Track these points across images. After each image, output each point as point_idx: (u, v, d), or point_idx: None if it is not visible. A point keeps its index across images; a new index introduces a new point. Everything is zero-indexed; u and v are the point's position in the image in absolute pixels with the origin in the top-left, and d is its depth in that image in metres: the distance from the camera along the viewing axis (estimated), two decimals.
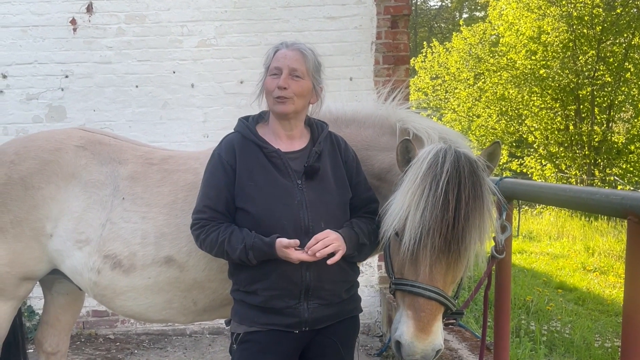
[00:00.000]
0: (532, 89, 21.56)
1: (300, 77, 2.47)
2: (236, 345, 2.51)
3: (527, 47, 21.59)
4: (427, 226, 2.20)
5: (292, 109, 2.47)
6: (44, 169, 3.04)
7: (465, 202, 2.21)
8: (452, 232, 2.20)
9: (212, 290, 2.89)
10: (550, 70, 20.63)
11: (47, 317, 3.64)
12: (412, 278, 2.26)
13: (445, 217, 2.19)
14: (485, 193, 2.28)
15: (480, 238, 2.27)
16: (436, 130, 2.64)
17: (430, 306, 2.22)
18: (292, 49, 2.50)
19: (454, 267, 2.27)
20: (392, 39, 6.13)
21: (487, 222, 2.28)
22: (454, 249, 2.22)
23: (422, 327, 2.21)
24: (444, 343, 4.24)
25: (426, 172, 2.25)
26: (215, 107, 6.19)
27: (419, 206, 2.22)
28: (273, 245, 2.33)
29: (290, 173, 2.47)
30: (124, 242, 2.91)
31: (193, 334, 6.18)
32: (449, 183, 2.21)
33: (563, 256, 12.05)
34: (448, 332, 4.61)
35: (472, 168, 2.27)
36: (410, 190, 2.26)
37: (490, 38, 24.28)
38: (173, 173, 3.01)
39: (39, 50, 6.05)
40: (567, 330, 6.24)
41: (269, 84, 2.48)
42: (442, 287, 2.24)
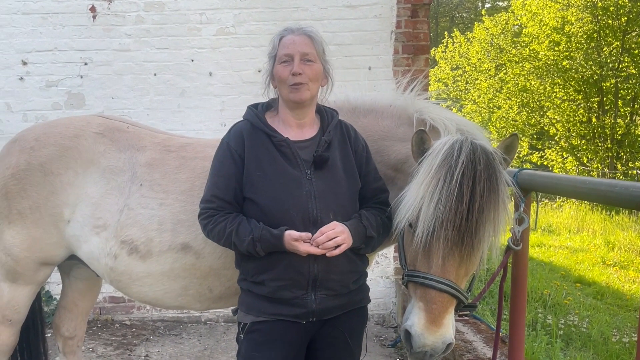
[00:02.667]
0: (555, 80, 21.28)
1: (312, 61, 2.44)
2: (243, 335, 2.50)
3: (550, 38, 21.29)
4: (440, 218, 2.17)
5: (309, 95, 2.45)
6: (63, 156, 3.06)
7: (480, 194, 2.18)
8: (466, 224, 2.17)
9: (228, 277, 2.89)
10: (574, 61, 20.34)
11: (65, 302, 3.69)
12: (425, 270, 2.25)
13: (459, 209, 2.16)
14: (501, 186, 2.25)
15: (494, 231, 2.24)
16: (454, 121, 2.60)
17: (441, 299, 2.20)
18: (298, 34, 2.46)
19: (467, 260, 2.24)
20: (412, 28, 6.06)
21: (502, 215, 2.25)
22: (467, 241, 2.19)
23: (433, 320, 2.19)
24: (458, 335, 4.25)
25: (441, 164, 2.22)
26: (232, 95, 6.18)
27: (432, 198, 2.20)
28: (281, 238, 2.31)
29: (299, 163, 2.44)
30: (141, 228, 2.92)
31: (208, 322, 6.22)
32: (464, 175, 2.18)
33: (582, 250, 11.92)
34: (463, 324, 4.59)
35: (489, 160, 2.24)
36: (425, 182, 2.24)
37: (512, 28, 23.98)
38: (191, 160, 3.01)
39: (59, 38, 6.08)
40: (585, 324, 6.17)
41: (281, 72, 2.44)
42: (454, 279, 2.22)
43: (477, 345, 4.10)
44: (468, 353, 3.96)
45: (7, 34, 6.06)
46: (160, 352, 5.41)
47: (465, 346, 4.10)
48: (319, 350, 2.56)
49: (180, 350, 5.45)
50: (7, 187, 3.11)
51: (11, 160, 3.14)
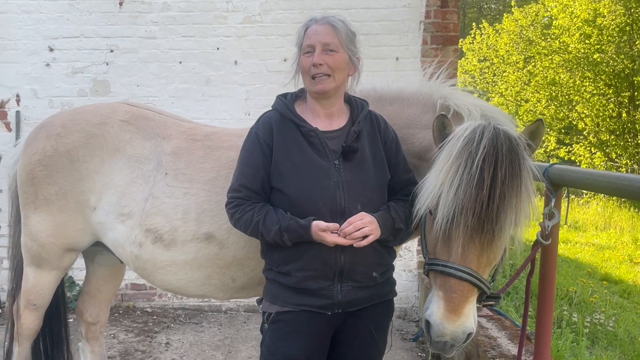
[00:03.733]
0: (585, 74, 20.87)
1: (334, 51, 2.40)
2: (267, 325, 2.50)
3: (581, 30, 20.85)
4: (460, 205, 2.12)
5: (332, 85, 2.41)
6: (89, 142, 3.07)
7: (502, 180, 2.10)
8: (486, 211, 2.10)
9: (251, 268, 2.88)
10: (605, 54, 19.92)
11: (89, 288, 3.72)
12: (445, 258, 2.19)
13: (480, 195, 2.10)
14: (524, 172, 2.16)
15: (516, 219, 2.15)
16: (479, 107, 2.53)
17: (461, 287, 2.14)
18: (321, 24, 2.43)
19: (488, 249, 2.17)
20: (442, 18, 5.95)
21: (524, 202, 2.17)
22: (488, 229, 2.12)
23: (453, 309, 2.13)
24: (483, 331, 4.18)
25: (462, 149, 2.16)
26: (257, 84, 6.15)
27: (452, 184, 2.14)
28: (309, 228, 2.29)
29: (327, 153, 2.41)
30: (166, 217, 2.92)
31: (228, 311, 6.22)
32: (485, 160, 2.11)
33: (609, 247, 11.71)
34: (487, 320, 4.51)
35: (511, 146, 2.16)
36: (445, 167, 2.18)
37: (542, 20, 23.55)
38: (216, 150, 3.00)
39: (86, 24, 6.10)
40: (611, 323, 6.05)
41: (304, 63, 2.42)
42: (475, 268, 2.15)
43: (502, 342, 4.03)
44: (492, 349, 3.89)
45: (34, 20, 6.09)
46: (180, 340, 5.42)
47: (490, 342, 4.03)
48: (344, 342, 2.54)
49: (200, 339, 5.46)
50: (34, 172, 3.13)
51: (38, 146, 3.16)
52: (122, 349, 5.15)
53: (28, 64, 6.13)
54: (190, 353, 5.13)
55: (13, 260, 3.53)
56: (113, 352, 5.02)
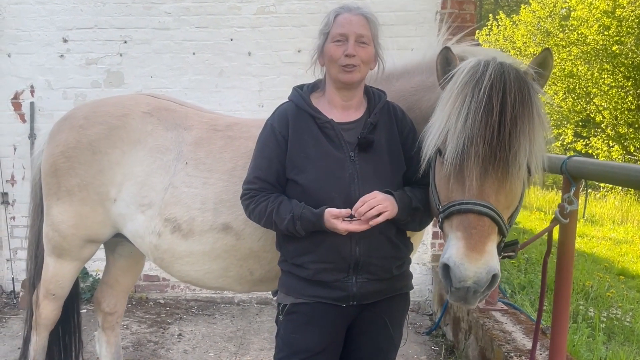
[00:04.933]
0: (603, 66, 20.59)
1: (366, 44, 2.37)
2: (282, 316, 2.49)
3: (600, 22, 20.54)
4: (470, 134, 2.00)
5: (359, 77, 2.39)
6: (111, 135, 3.09)
7: (512, 105, 1.99)
8: (498, 138, 1.98)
9: (268, 260, 2.86)
10: (624, 46, 19.63)
11: (107, 278, 3.76)
12: (461, 197, 2.04)
13: (490, 122, 1.98)
14: (534, 98, 2.05)
15: (530, 147, 2.01)
16: (484, 52, 2.40)
17: (482, 222, 1.97)
18: (355, 14, 2.38)
19: (504, 182, 2.02)
20: (458, 8, 5.87)
21: (537, 129, 2.03)
22: (501, 156, 1.98)
23: (473, 246, 1.95)
24: (497, 325, 4.13)
25: (467, 80, 2.06)
26: (271, 76, 6.11)
27: (460, 114, 2.03)
28: (322, 216, 2.26)
29: (343, 144, 2.38)
30: (184, 206, 2.91)
31: (241, 303, 6.22)
32: (492, 87, 2.00)
33: (627, 242, 11.57)
34: (502, 314, 4.47)
35: (519, 74, 2.06)
36: (451, 100, 2.08)
37: (560, 11, 23.25)
38: (236, 140, 2.99)
39: (99, 15, 6.09)
40: (628, 318, 5.96)
41: (334, 51, 2.37)
42: (495, 204, 2.00)
43: (517, 336, 3.99)
44: (507, 344, 3.85)
45: (48, 11, 6.09)
46: (193, 332, 5.42)
47: (504, 337, 3.98)
48: (359, 335, 2.51)
49: (212, 331, 5.46)
50: (57, 164, 3.17)
51: (61, 138, 3.20)
52: (135, 340, 5.16)
53: (42, 55, 6.13)
54: (203, 344, 5.13)
55: (35, 249, 3.56)
56: (126, 343, 5.03)
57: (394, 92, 2.61)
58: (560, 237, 2.78)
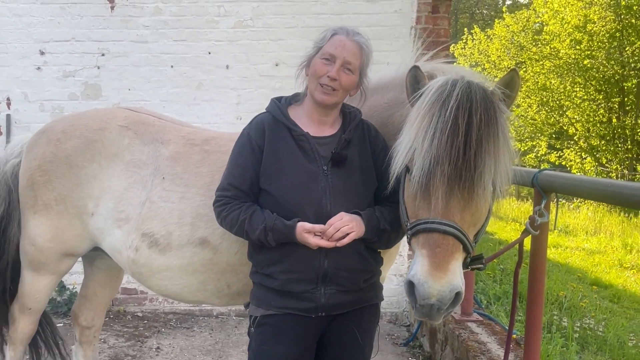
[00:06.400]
0: (575, 79, 21.05)
1: (351, 72, 2.41)
2: (253, 328, 2.50)
3: (571, 36, 21.04)
4: (436, 153, 2.03)
5: (334, 101, 2.43)
6: (88, 148, 3.09)
7: (477, 126, 2.02)
8: (463, 158, 2.01)
9: (245, 274, 2.85)
10: (595, 60, 20.10)
11: (86, 292, 3.72)
12: (426, 216, 2.06)
13: (455, 142, 2.01)
14: (500, 119, 2.09)
15: (495, 167, 2.04)
16: (454, 70, 2.45)
17: (446, 241, 2.00)
18: (351, 40, 2.41)
19: (469, 201, 2.05)
20: (433, 24, 5.98)
21: (503, 149, 2.06)
22: (467, 177, 2.01)
23: (438, 264, 1.97)
24: (472, 336, 4.20)
25: (435, 99, 2.10)
26: (249, 89, 6.15)
27: (427, 133, 2.06)
28: (294, 229, 2.30)
29: (317, 158, 2.42)
30: (162, 221, 2.92)
31: (220, 315, 6.21)
32: (459, 108, 2.03)
33: (599, 252, 11.77)
34: (477, 325, 4.53)
35: (485, 94, 2.10)
36: (418, 119, 2.11)
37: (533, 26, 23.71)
38: (213, 154, 3.00)
39: (77, 28, 6.08)
40: (601, 328, 6.08)
41: (319, 68, 2.40)
42: (460, 223, 2.03)
43: (491, 347, 4.05)
44: (482, 354, 3.91)
45: (25, 24, 6.07)
46: (171, 345, 5.40)
47: (480, 347, 4.04)
48: (329, 346, 2.53)
49: (191, 343, 5.45)
50: (34, 177, 3.15)
51: (38, 152, 3.19)
52: (112, 354, 5.13)
53: (19, 67, 6.10)
54: (181, 358, 5.11)
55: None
56: (103, 357, 5.00)
57: (367, 108, 2.65)
58: (532, 248, 2.85)
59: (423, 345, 5.34)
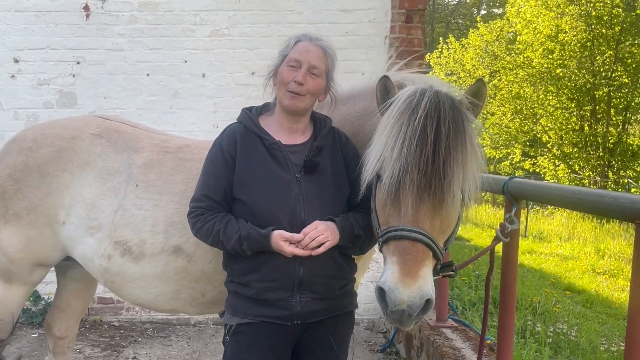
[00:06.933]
0: (548, 88, 21.38)
1: (317, 76, 2.45)
2: (229, 337, 2.51)
3: (544, 46, 21.39)
4: (405, 162, 2.07)
5: (303, 106, 2.46)
6: (60, 157, 3.06)
7: (446, 135, 2.07)
8: (432, 167, 2.06)
9: (220, 282, 2.85)
10: (567, 69, 20.45)
11: (59, 302, 3.68)
12: (397, 223, 2.10)
13: (424, 151, 2.06)
14: (468, 128, 2.14)
15: (464, 175, 2.09)
16: (423, 79, 2.51)
17: (415, 249, 2.03)
18: (315, 45, 2.47)
19: (439, 210, 2.10)
20: (407, 33, 6.06)
21: (470, 158, 2.12)
22: (436, 185, 2.06)
23: (408, 271, 2.00)
24: (447, 342, 4.25)
25: (404, 108, 2.15)
26: (225, 97, 6.17)
27: (396, 142, 2.10)
28: (268, 237, 2.32)
29: (289, 166, 2.45)
30: (135, 229, 2.91)
31: (197, 324, 6.19)
32: (427, 117, 2.08)
33: (573, 258, 11.94)
34: (452, 331, 4.58)
35: (453, 104, 2.15)
36: (387, 128, 2.16)
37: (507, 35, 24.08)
38: (187, 162, 3.00)
39: (52, 36, 6.05)
40: (574, 332, 6.17)
41: (286, 74, 2.44)
42: (429, 230, 2.07)
43: (466, 353, 4.10)
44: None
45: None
46: (148, 354, 5.37)
47: (454, 353, 4.09)
48: (304, 354, 2.55)
49: (168, 353, 5.42)
50: (4, 187, 3.12)
51: (9, 161, 3.15)
52: None
53: None
54: None
55: None
56: None
57: (339, 117, 2.69)
58: (504, 255, 2.91)
59: (399, 352, 5.38)
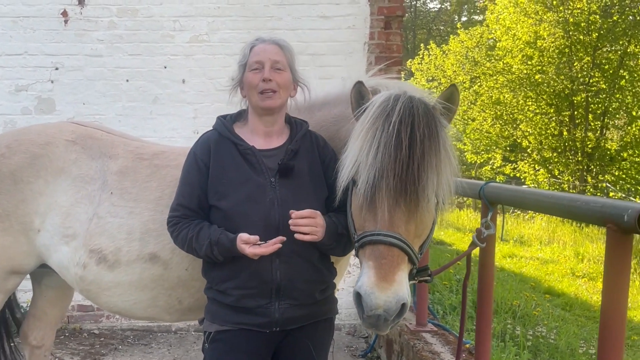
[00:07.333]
0: (528, 93, 21.59)
1: (282, 70, 2.48)
2: (208, 344, 2.50)
3: (523, 52, 21.61)
4: (380, 167, 2.09)
5: (279, 102, 2.48)
6: (34, 164, 3.03)
7: (420, 140, 2.10)
8: (407, 172, 2.08)
9: (197, 289, 2.86)
10: (546, 75, 20.67)
11: (35, 310, 3.64)
12: (373, 228, 2.12)
13: (399, 156, 2.08)
14: (442, 133, 2.17)
15: (438, 180, 2.12)
16: (397, 85, 2.53)
17: (391, 253, 2.06)
18: (269, 43, 2.51)
19: (415, 213, 2.12)
20: (385, 39, 6.11)
21: (444, 162, 2.15)
22: (412, 190, 2.08)
23: (384, 276, 2.02)
24: (426, 346, 4.27)
25: (378, 114, 2.17)
26: (205, 103, 6.17)
27: (371, 147, 2.13)
28: (235, 241, 2.32)
29: (264, 170, 2.45)
30: (110, 236, 2.89)
31: (178, 331, 6.15)
32: (401, 122, 2.11)
33: (553, 261, 12.06)
34: (432, 335, 4.61)
35: (427, 109, 2.18)
36: (362, 133, 2.18)
37: (487, 42, 24.32)
38: (162, 168, 2.99)
39: (29, 42, 6.01)
40: (553, 335, 6.23)
41: (252, 79, 2.46)
42: (405, 235, 2.09)
43: (445, 357, 4.12)
44: None
45: None
46: None
47: (434, 358, 4.11)
48: None
49: None
50: None
51: None
52: None
53: None
54: None
55: None
56: None
57: (315, 122, 2.71)
58: (480, 260, 2.94)
59: (380, 357, 5.40)
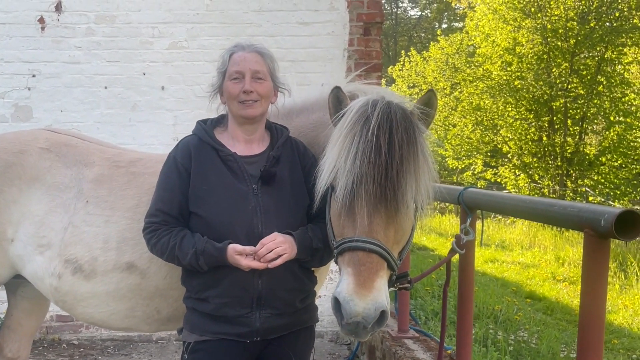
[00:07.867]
0: (507, 99, 21.77)
1: (263, 79, 2.46)
2: (187, 355, 2.46)
3: (502, 58, 21.80)
4: (359, 172, 2.08)
5: (260, 111, 2.46)
6: (7, 172, 2.98)
7: (399, 145, 2.09)
8: (386, 177, 2.07)
9: (175, 298, 2.82)
10: (525, 81, 20.86)
11: (10, 322, 3.57)
12: (351, 234, 2.10)
13: (378, 161, 2.07)
14: (420, 138, 2.17)
15: (417, 185, 2.12)
16: (375, 90, 2.52)
17: (370, 259, 2.04)
18: (249, 51, 2.48)
19: (394, 219, 2.12)
20: (365, 46, 6.12)
21: (423, 167, 2.14)
22: (391, 195, 2.07)
23: (362, 283, 2.00)
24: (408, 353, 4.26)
25: (356, 119, 2.16)
26: (185, 110, 6.13)
27: (349, 153, 2.11)
28: (224, 251, 2.29)
29: (246, 177, 2.43)
30: (86, 246, 2.84)
31: (159, 340, 6.09)
32: (380, 128, 2.10)
33: (534, 266, 12.13)
34: (414, 342, 4.60)
35: (405, 114, 2.17)
36: (340, 139, 2.17)
37: (467, 48, 24.52)
38: (139, 176, 2.95)
39: (6, 49, 5.94)
40: (534, 340, 6.25)
41: (232, 88, 2.44)
42: (384, 241, 2.08)
43: None
44: None
45: None
46: None
47: None
48: None
49: None
50: None
51: None
52: None
53: None
54: None
55: None
56: None
57: (293, 128, 2.69)
58: (460, 266, 2.94)
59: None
